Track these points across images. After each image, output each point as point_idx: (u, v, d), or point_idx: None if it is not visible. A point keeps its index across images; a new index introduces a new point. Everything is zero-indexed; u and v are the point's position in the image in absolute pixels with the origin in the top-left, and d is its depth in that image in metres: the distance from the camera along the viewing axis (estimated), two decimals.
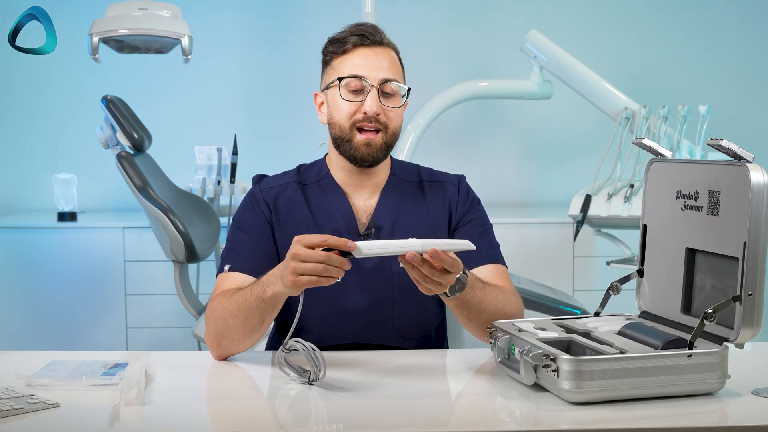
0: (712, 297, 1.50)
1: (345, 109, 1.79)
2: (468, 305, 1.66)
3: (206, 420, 1.45)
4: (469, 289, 1.63)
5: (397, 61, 1.83)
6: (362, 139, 1.78)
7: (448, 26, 4.43)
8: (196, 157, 3.87)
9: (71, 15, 4.05)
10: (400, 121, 1.83)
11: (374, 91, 1.77)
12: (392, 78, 1.79)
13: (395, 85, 1.79)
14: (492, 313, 1.69)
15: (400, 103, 1.80)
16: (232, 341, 1.69)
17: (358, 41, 1.79)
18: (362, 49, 1.79)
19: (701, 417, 1.37)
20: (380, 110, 1.77)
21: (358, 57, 1.79)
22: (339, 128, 1.80)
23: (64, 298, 3.86)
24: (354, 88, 1.78)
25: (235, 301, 1.66)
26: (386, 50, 1.82)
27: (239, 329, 1.66)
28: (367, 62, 1.78)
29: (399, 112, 1.81)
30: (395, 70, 1.81)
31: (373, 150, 1.79)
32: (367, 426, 1.36)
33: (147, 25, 3.24)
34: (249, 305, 1.64)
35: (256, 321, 1.65)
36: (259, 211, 1.85)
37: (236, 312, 1.65)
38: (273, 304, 1.62)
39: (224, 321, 1.68)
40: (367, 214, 1.85)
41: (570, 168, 4.42)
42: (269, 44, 4.38)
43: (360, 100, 1.78)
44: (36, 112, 4.34)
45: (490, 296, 1.69)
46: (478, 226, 1.87)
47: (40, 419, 1.36)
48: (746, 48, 4.43)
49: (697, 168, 1.54)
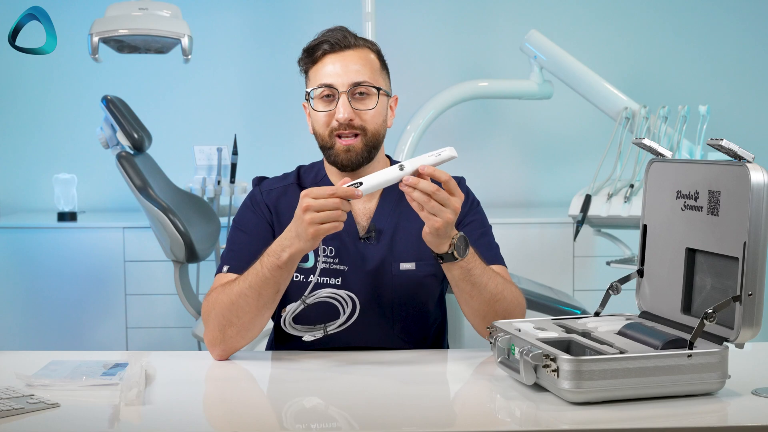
0: (712, 297, 1.50)
1: (321, 119, 1.80)
2: (471, 277, 1.67)
3: (206, 420, 1.45)
4: (473, 257, 1.66)
5: (372, 60, 1.82)
6: (341, 145, 1.79)
7: (448, 26, 4.43)
8: (196, 157, 3.87)
9: (71, 15, 4.05)
10: (381, 120, 1.81)
11: (343, 98, 1.77)
12: (362, 80, 1.77)
13: (367, 86, 1.78)
14: (492, 292, 1.70)
15: (374, 104, 1.79)
16: (241, 326, 1.69)
17: (327, 49, 1.79)
18: (331, 56, 1.79)
19: (701, 417, 1.36)
20: (352, 115, 1.77)
21: (328, 65, 1.79)
22: (320, 138, 1.82)
23: (64, 298, 3.86)
24: (325, 96, 1.79)
25: (244, 280, 1.68)
26: (358, 52, 1.80)
27: (251, 307, 1.67)
28: (336, 69, 1.78)
29: (376, 113, 1.80)
30: (368, 71, 1.79)
31: (353, 155, 1.79)
32: (367, 426, 1.36)
33: (147, 25, 3.24)
34: (262, 278, 1.65)
35: (270, 292, 1.67)
36: (260, 213, 1.85)
37: (247, 290, 1.66)
38: (290, 267, 1.65)
39: (231, 305, 1.68)
40: (366, 217, 1.85)
41: (570, 168, 4.42)
42: (269, 44, 4.38)
43: (332, 108, 1.78)
44: (36, 112, 4.34)
45: (490, 274, 1.71)
46: (478, 227, 1.87)
47: (40, 419, 1.36)
48: (746, 48, 4.43)
49: (697, 168, 1.54)
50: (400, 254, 1.81)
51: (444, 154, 1.60)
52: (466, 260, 1.65)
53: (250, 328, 1.70)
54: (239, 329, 1.70)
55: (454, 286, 1.72)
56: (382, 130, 1.83)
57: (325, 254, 1.81)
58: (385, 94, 1.82)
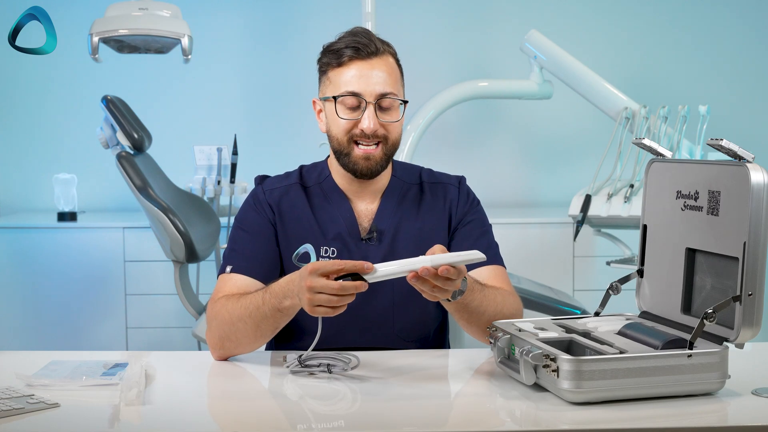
0: (712, 297, 1.50)
1: (342, 125, 1.78)
2: (468, 309, 1.67)
3: (206, 420, 1.45)
4: (469, 293, 1.64)
5: (394, 68, 1.81)
6: (360, 153, 1.78)
7: (448, 26, 4.43)
8: (196, 157, 3.87)
9: (71, 15, 4.05)
10: (400, 131, 1.82)
11: (371, 108, 1.75)
12: (389, 92, 1.76)
13: (394, 97, 1.78)
14: (492, 315, 1.69)
15: (398, 116, 1.79)
16: (238, 344, 1.71)
17: (353, 54, 1.77)
18: (358, 62, 1.77)
19: (701, 417, 1.37)
20: (378, 126, 1.76)
21: (354, 70, 1.76)
22: (337, 142, 1.80)
23: (64, 298, 3.86)
24: (350, 105, 1.77)
25: (245, 307, 1.67)
26: (382, 60, 1.79)
27: (248, 335, 1.68)
28: (363, 76, 1.76)
29: (399, 124, 1.80)
30: (392, 81, 1.78)
31: (372, 163, 1.79)
32: (367, 426, 1.36)
33: (147, 25, 3.24)
34: (262, 314, 1.65)
35: (268, 328, 1.68)
36: (262, 212, 1.85)
37: (247, 318, 1.67)
38: (289, 314, 1.65)
39: (232, 325, 1.68)
40: (368, 218, 1.85)
41: (570, 168, 4.41)
42: (269, 44, 4.38)
43: (357, 116, 1.76)
44: (36, 112, 4.34)
45: (489, 299, 1.70)
46: (477, 227, 1.87)
47: (40, 419, 1.36)
48: (746, 48, 4.43)
49: (697, 168, 1.54)
50: (401, 255, 1.79)
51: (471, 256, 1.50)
52: (463, 297, 1.63)
53: (247, 348, 1.73)
54: (237, 345, 1.72)
55: (452, 314, 1.71)
56: (400, 139, 1.84)
57: (327, 255, 1.81)
58: (405, 103, 1.82)
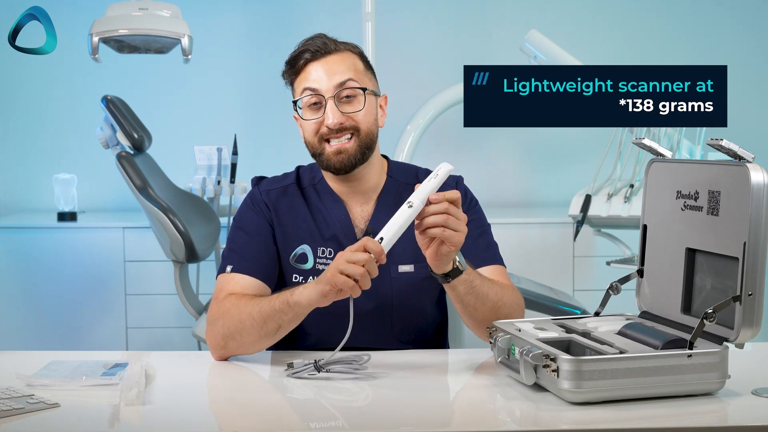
0: (712, 297, 1.50)
1: (310, 127, 1.78)
2: (474, 289, 1.66)
3: (206, 420, 1.45)
4: (470, 273, 1.65)
5: (355, 62, 1.80)
6: (331, 149, 1.78)
7: (448, 26, 4.43)
8: (196, 157, 3.87)
9: (71, 15, 4.05)
10: (372, 120, 1.80)
11: (330, 103, 1.75)
12: (346, 79, 1.76)
13: (353, 84, 1.76)
14: (493, 304, 1.70)
15: (361, 105, 1.78)
16: (241, 344, 1.70)
17: (309, 57, 1.77)
18: (312, 64, 1.77)
19: (701, 417, 1.37)
20: (342, 119, 1.76)
21: (311, 72, 1.77)
22: (310, 145, 1.81)
23: (64, 298, 3.86)
24: (311, 103, 1.77)
25: (257, 303, 1.68)
26: (340, 56, 1.79)
27: (253, 333, 1.67)
28: (320, 74, 1.76)
29: (365, 113, 1.78)
30: (351, 72, 1.78)
31: (345, 157, 1.78)
32: (367, 426, 1.36)
33: (147, 25, 3.24)
34: (270, 309, 1.65)
35: (273, 326, 1.66)
36: (260, 212, 1.85)
37: (255, 314, 1.66)
38: (295, 310, 1.64)
39: (238, 323, 1.68)
40: (364, 220, 1.85)
41: (570, 168, 4.42)
42: (269, 44, 4.38)
43: (320, 115, 1.77)
44: (36, 112, 4.34)
45: (488, 282, 1.71)
46: (476, 227, 1.87)
47: (40, 419, 1.36)
48: (746, 48, 4.43)
49: (697, 168, 1.54)
50: (398, 257, 1.79)
51: (441, 172, 1.59)
52: (468, 272, 1.64)
53: (250, 349, 1.72)
54: (240, 345, 1.70)
55: (458, 303, 1.70)
56: (374, 129, 1.81)
57: (324, 255, 1.81)
58: (372, 93, 1.80)
